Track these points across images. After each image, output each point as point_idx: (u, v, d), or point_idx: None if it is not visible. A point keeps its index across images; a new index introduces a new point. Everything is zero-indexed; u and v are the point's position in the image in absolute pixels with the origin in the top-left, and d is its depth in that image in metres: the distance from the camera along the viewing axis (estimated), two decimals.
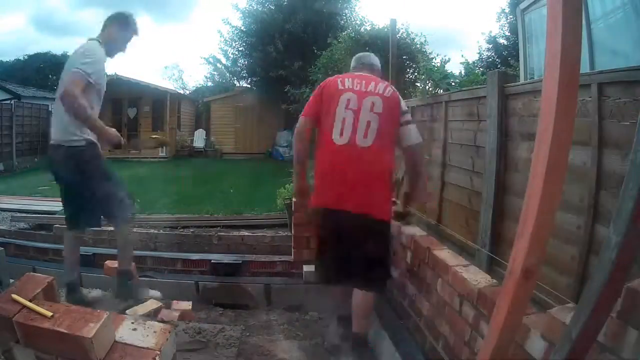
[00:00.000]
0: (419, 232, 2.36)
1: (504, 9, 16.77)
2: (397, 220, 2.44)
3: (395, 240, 2.46)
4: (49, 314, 1.17)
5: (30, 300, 1.22)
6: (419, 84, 4.66)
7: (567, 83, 0.75)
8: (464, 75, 5.13)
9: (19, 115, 13.25)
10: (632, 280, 0.82)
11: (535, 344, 1.12)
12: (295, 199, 2.91)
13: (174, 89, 18.96)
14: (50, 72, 26.44)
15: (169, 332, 1.38)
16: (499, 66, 13.99)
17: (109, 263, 2.98)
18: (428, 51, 8.29)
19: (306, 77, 10.83)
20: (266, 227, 5.52)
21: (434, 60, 6.66)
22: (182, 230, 5.22)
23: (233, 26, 15.55)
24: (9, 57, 27.20)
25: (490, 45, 17.63)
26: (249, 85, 16.73)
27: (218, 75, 20.33)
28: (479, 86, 3.26)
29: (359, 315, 2.08)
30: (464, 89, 3.64)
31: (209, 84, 21.42)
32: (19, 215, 5.93)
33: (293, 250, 3.06)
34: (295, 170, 2.17)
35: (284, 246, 4.32)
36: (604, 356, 0.86)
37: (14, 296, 1.22)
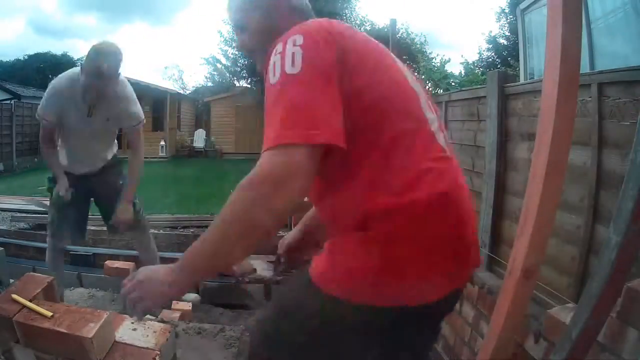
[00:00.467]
0: None
1: (504, 9, 16.77)
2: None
3: None
4: (49, 314, 1.17)
5: (30, 300, 1.22)
6: None
7: (567, 83, 0.75)
8: (464, 75, 5.12)
9: (19, 115, 13.25)
10: (632, 280, 0.82)
11: (535, 344, 1.12)
12: None
13: (174, 89, 18.96)
14: (50, 72, 26.42)
15: (169, 332, 1.38)
16: (499, 66, 13.99)
17: (109, 263, 2.98)
18: (428, 51, 8.31)
19: None
20: None
21: (434, 60, 6.66)
22: (182, 230, 5.21)
23: None
24: (9, 57, 27.22)
25: (490, 45, 17.61)
26: (249, 85, 16.72)
27: (218, 75, 20.32)
28: (479, 86, 3.27)
29: None
30: (464, 89, 3.65)
31: (209, 84, 21.40)
32: (19, 215, 5.93)
33: None
34: None
35: None
36: (604, 356, 0.86)
37: (14, 296, 1.22)
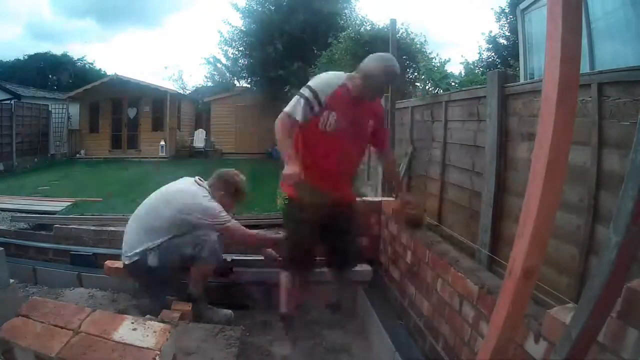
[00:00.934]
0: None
1: (504, 9, 16.76)
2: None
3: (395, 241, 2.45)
4: None
5: None
6: (419, 84, 4.65)
7: (567, 83, 0.75)
8: (463, 75, 5.12)
9: (19, 115, 13.25)
10: (632, 280, 0.82)
11: (535, 344, 1.12)
12: None
13: (174, 89, 18.94)
14: (50, 72, 26.43)
15: (169, 332, 1.38)
16: (499, 66, 13.99)
17: (109, 263, 2.98)
18: (428, 51, 8.31)
19: (306, 77, 10.81)
20: (266, 227, 5.50)
21: (434, 60, 6.66)
22: None
23: (233, 26, 15.56)
24: (8, 57, 27.19)
25: (490, 45, 17.60)
26: (249, 85, 16.72)
27: (218, 75, 20.31)
28: (479, 86, 3.26)
29: None
30: (464, 89, 3.64)
31: (209, 84, 21.38)
32: (19, 215, 5.92)
33: None
34: None
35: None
36: (604, 356, 0.86)
37: None
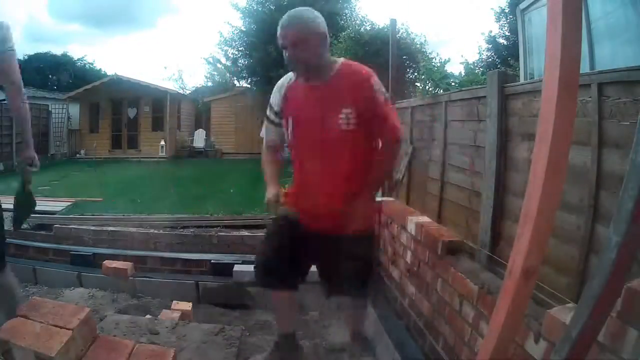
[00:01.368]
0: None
1: (504, 9, 16.76)
2: None
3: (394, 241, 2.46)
4: None
5: None
6: (419, 84, 4.66)
7: (567, 83, 0.75)
8: (463, 75, 5.13)
9: None
10: (632, 280, 0.82)
11: (535, 344, 1.12)
12: None
13: (174, 89, 18.94)
14: (50, 72, 26.41)
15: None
16: (499, 66, 13.99)
17: (107, 263, 2.99)
18: (428, 51, 8.32)
19: None
20: (266, 227, 5.50)
21: (433, 60, 6.67)
22: (182, 230, 5.21)
23: (233, 26, 15.56)
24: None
25: (490, 45, 17.61)
26: (249, 85, 16.70)
27: (218, 75, 20.31)
28: (479, 86, 3.26)
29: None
30: (464, 89, 3.64)
31: (209, 84, 21.38)
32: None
33: None
34: None
35: None
36: (604, 356, 0.86)
37: None
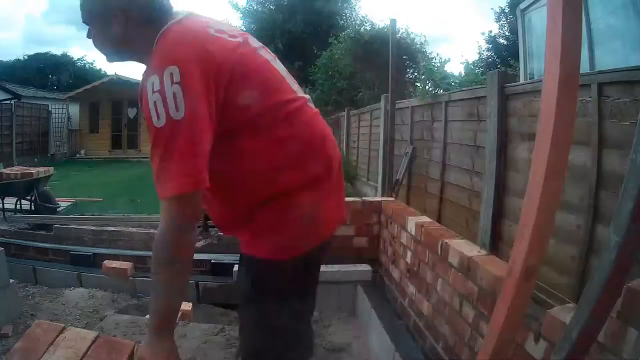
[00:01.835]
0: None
1: (504, 9, 16.77)
2: None
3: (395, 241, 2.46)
4: None
5: None
6: (419, 84, 4.66)
7: (567, 83, 0.75)
8: (463, 75, 5.13)
9: (19, 115, 13.26)
10: (632, 280, 0.82)
11: (535, 344, 1.12)
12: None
13: None
14: (50, 72, 26.42)
15: None
16: (499, 66, 13.99)
17: (107, 263, 2.99)
18: (428, 51, 8.32)
19: (306, 77, 10.84)
20: None
21: (434, 60, 6.67)
22: None
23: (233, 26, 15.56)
24: (9, 57, 27.21)
25: (490, 45, 17.62)
26: None
27: None
28: (479, 86, 3.27)
29: None
30: (464, 89, 3.65)
31: None
32: (18, 215, 5.92)
33: None
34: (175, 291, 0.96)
35: None
36: (604, 356, 0.86)
37: None
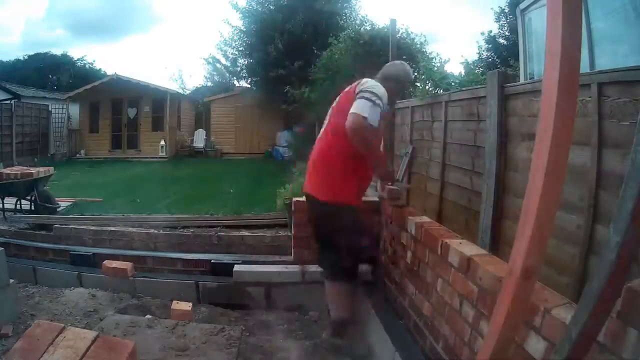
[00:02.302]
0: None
1: (504, 9, 16.77)
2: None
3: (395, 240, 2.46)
4: None
5: None
6: (419, 84, 4.65)
7: (567, 83, 0.75)
8: (463, 75, 5.12)
9: (19, 115, 13.27)
10: (632, 280, 0.82)
11: (536, 344, 1.12)
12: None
13: (174, 89, 18.95)
14: (50, 72, 26.38)
15: None
16: (499, 66, 13.98)
17: (107, 263, 2.99)
18: (428, 51, 8.31)
19: (306, 77, 10.82)
20: (266, 227, 5.50)
21: (434, 60, 6.66)
22: (182, 230, 5.21)
23: (233, 26, 15.54)
24: (9, 57, 27.17)
25: (490, 45, 17.61)
26: (249, 85, 16.70)
27: (218, 75, 20.32)
28: (479, 86, 3.26)
29: (329, 302, 2.31)
30: (464, 89, 3.64)
31: (209, 84, 21.41)
32: (18, 215, 5.93)
33: (293, 250, 3.05)
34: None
35: (283, 246, 4.32)
36: (604, 356, 0.86)
37: None
